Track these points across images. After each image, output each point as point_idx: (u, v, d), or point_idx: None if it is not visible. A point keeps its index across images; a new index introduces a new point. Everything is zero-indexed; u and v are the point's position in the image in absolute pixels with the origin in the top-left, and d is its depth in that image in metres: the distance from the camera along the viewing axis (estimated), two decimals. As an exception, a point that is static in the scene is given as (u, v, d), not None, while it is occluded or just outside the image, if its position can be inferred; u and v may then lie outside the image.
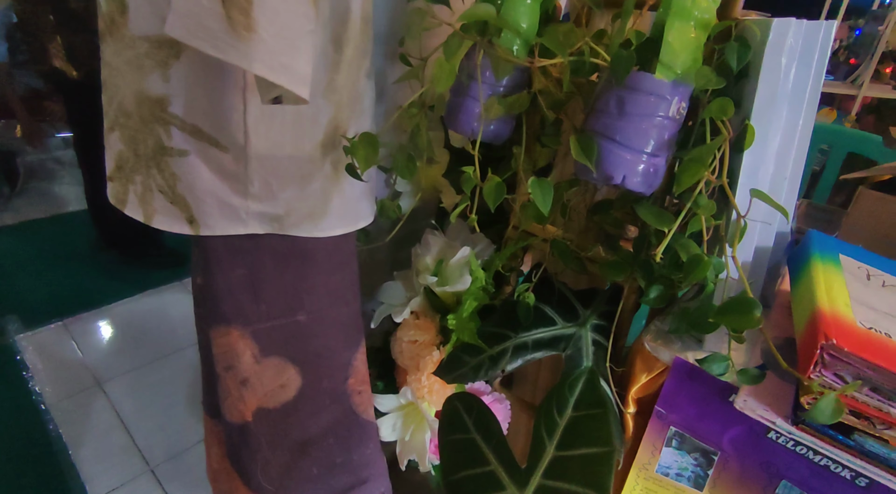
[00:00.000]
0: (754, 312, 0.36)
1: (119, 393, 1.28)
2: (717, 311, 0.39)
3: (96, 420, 1.21)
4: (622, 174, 0.43)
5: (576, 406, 0.49)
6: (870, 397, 0.38)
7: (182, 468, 1.09)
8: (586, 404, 0.49)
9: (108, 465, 1.10)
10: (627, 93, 0.43)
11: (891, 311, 0.43)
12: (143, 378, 1.33)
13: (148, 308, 1.57)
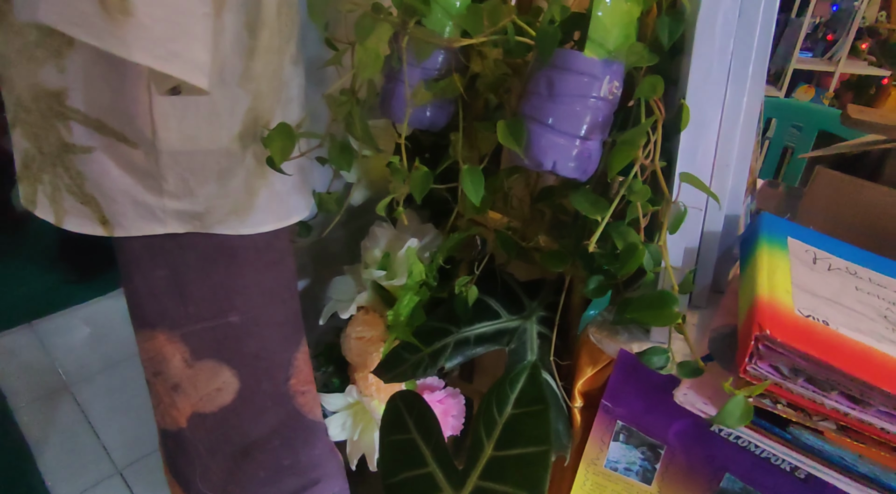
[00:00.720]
0: (671, 308, 0.34)
1: (87, 396, 1.26)
2: (633, 306, 0.37)
3: (63, 422, 1.18)
4: (552, 159, 0.41)
5: (516, 402, 0.47)
6: (804, 388, 0.36)
7: (150, 470, 1.07)
8: (527, 401, 0.47)
9: (74, 468, 1.08)
10: (556, 74, 0.41)
11: (832, 297, 0.41)
12: (112, 379, 1.30)
13: (116, 309, 1.54)
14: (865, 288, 0.43)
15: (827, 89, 2.00)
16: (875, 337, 0.37)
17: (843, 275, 0.44)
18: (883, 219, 0.57)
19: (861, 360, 0.35)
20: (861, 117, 0.59)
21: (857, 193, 0.58)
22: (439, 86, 0.47)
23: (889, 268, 0.47)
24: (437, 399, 0.64)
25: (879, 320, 0.39)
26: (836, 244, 0.50)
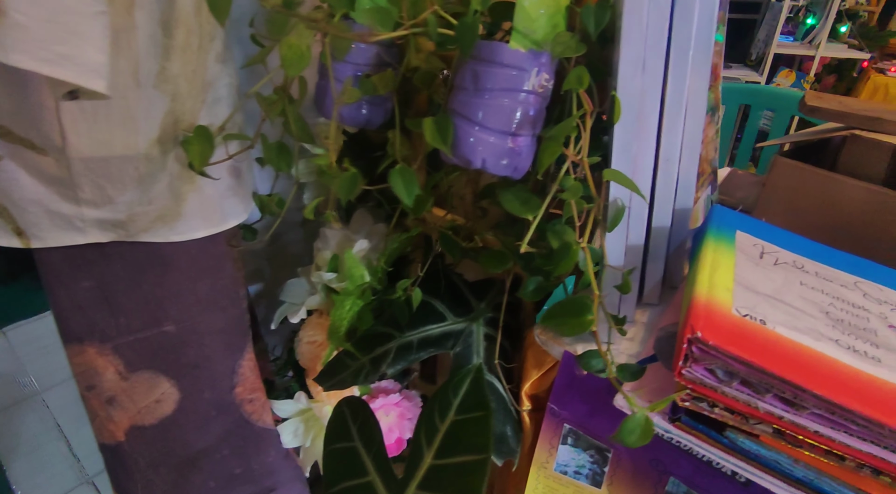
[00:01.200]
0: (585, 316, 0.32)
1: (58, 403, 1.24)
2: (547, 314, 0.35)
3: (34, 430, 1.17)
4: (481, 157, 0.39)
5: (459, 408, 0.46)
6: (739, 391, 0.35)
7: (121, 476, 1.05)
8: (469, 407, 0.45)
9: (45, 476, 1.07)
10: (481, 67, 0.39)
11: (774, 293, 0.39)
12: (84, 384, 1.28)
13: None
14: (810, 283, 0.42)
15: (808, 74, 1.98)
16: (813, 335, 0.36)
17: (789, 270, 0.43)
18: (838, 208, 0.56)
19: (794, 362, 0.33)
20: (817, 104, 0.57)
21: (814, 182, 0.57)
22: (370, 83, 0.45)
23: (838, 260, 0.46)
24: (393, 402, 0.62)
25: (820, 317, 0.38)
26: (786, 236, 0.48)
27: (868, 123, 0.54)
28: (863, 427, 0.32)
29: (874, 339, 0.37)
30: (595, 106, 0.39)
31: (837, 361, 0.34)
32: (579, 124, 0.38)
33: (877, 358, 0.35)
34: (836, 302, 0.40)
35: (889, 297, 0.42)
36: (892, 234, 0.52)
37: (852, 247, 0.56)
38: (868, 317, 0.39)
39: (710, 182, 0.64)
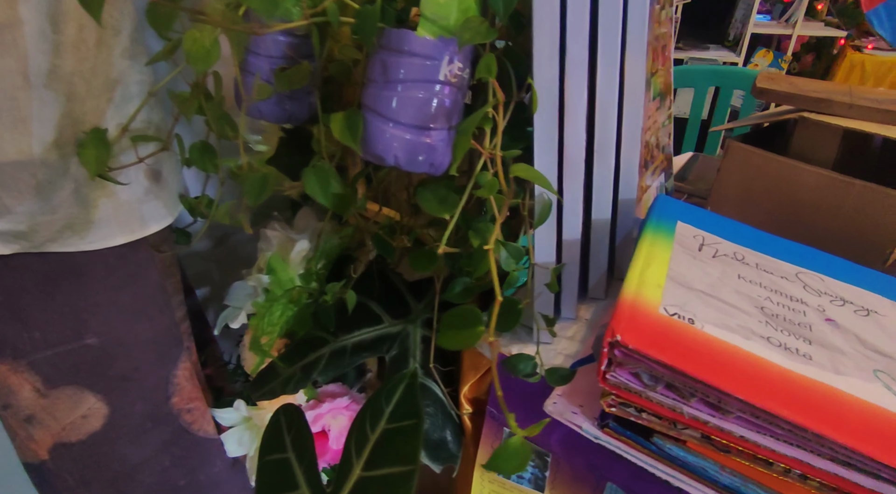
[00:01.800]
0: (475, 328, 0.30)
1: None
2: (442, 325, 0.33)
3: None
4: (393, 154, 0.37)
5: (391, 417, 0.44)
6: (664, 396, 0.33)
7: None
8: (402, 415, 0.44)
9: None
10: (389, 57, 0.36)
11: (709, 288, 0.38)
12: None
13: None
14: (749, 276, 0.40)
15: (785, 53, 1.95)
16: (743, 333, 0.34)
17: (728, 263, 0.41)
18: (791, 193, 0.54)
19: (718, 364, 0.31)
20: (766, 86, 0.55)
21: (767, 167, 0.55)
22: (284, 77, 0.43)
23: (784, 250, 0.44)
24: (342, 405, 0.60)
25: (754, 313, 0.36)
26: (730, 226, 0.46)
27: (816, 105, 0.52)
28: (787, 431, 0.30)
29: (808, 335, 0.35)
30: (515, 95, 0.37)
31: (766, 361, 0.32)
32: (495, 116, 0.35)
33: (808, 356, 0.33)
34: (773, 295, 0.39)
35: (830, 288, 0.41)
36: (843, 219, 0.51)
37: (805, 232, 0.54)
38: (805, 311, 0.38)
39: (663, 169, 0.62)
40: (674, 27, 1.87)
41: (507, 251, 0.37)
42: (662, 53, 0.56)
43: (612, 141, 0.44)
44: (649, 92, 0.52)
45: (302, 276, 0.49)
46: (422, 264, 0.44)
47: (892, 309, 0.40)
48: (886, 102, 0.50)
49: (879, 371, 0.33)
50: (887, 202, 0.48)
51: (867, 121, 0.50)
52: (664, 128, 0.60)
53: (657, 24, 0.52)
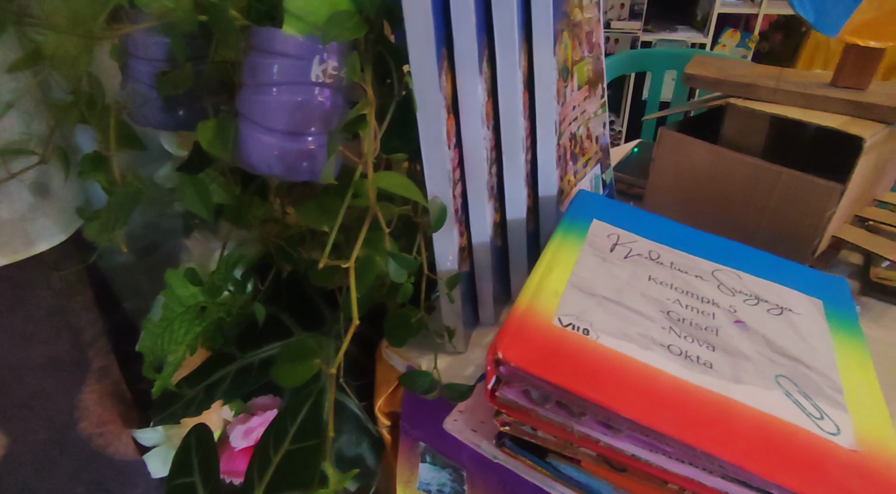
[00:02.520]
0: (308, 362, 0.28)
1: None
2: (279, 357, 0.31)
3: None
4: (267, 163, 0.34)
5: (295, 437, 0.41)
6: (555, 414, 0.31)
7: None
8: (306, 434, 0.41)
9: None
10: (257, 58, 0.33)
11: (612, 294, 0.35)
12: None
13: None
14: (661, 277, 0.38)
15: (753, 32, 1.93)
16: (641, 343, 0.32)
17: (640, 263, 0.39)
18: (721, 181, 0.52)
19: (607, 380, 0.29)
20: (694, 72, 0.53)
21: (696, 154, 0.53)
22: (167, 81, 0.40)
23: (704, 246, 0.42)
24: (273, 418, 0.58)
25: (658, 319, 0.34)
26: (651, 222, 0.44)
27: (742, 90, 0.50)
28: (678, 449, 0.28)
29: (713, 340, 0.33)
30: (398, 94, 0.34)
31: (661, 372, 0.30)
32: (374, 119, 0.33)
33: (708, 364, 0.32)
34: (683, 297, 0.37)
35: (747, 286, 0.39)
36: (772, 208, 0.49)
37: (737, 221, 0.52)
38: (715, 313, 0.36)
39: (597, 161, 0.60)
40: (644, 9, 1.82)
41: (397, 262, 0.35)
42: (588, 40, 0.54)
43: (520, 136, 0.41)
44: (572, 81, 0.50)
45: (206, 290, 0.46)
46: (320, 276, 0.41)
47: (809, 305, 0.38)
48: (812, 86, 0.48)
49: (782, 376, 0.32)
50: (814, 190, 0.46)
51: (792, 106, 0.48)
52: (597, 118, 0.58)
53: (577, 10, 0.49)
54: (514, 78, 0.39)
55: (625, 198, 0.66)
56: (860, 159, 0.43)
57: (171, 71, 0.40)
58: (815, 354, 0.34)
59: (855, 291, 0.51)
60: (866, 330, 0.45)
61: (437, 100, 0.33)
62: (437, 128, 0.34)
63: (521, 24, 0.40)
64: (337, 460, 0.45)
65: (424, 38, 0.31)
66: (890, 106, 0.44)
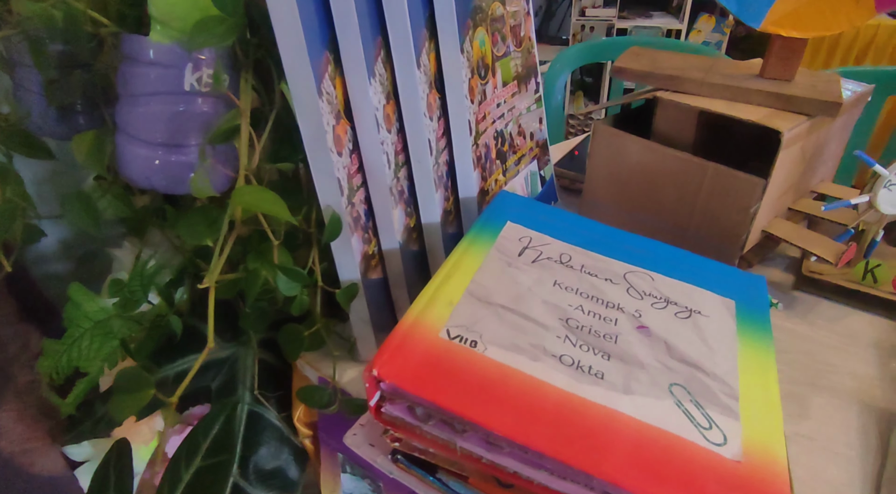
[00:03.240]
0: (144, 391, 0.27)
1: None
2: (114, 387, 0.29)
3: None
4: (145, 175, 0.33)
5: (206, 453, 0.41)
6: (440, 430, 0.30)
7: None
8: (218, 450, 0.40)
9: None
10: (127, 68, 0.32)
11: (510, 301, 0.34)
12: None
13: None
14: (567, 282, 0.37)
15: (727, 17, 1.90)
16: (532, 354, 0.31)
17: (548, 267, 0.38)
18: (654, 176, 0.50)
19: (487, 396, 0.28)
20: (624, 65, 0.51)
21: (628, 149, 0.52)
22: (55, 89, 0.38)
23: (621, 246, 0.41)
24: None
25: (555, 327, 0.33)
26: (569, 222, 0.43)
27: (670, 83, 0.48)
28: (556, 467, 0.27)
29: (611, 348, 0.32)
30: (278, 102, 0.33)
31: (547, 385, 0.29)
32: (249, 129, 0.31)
33: (600, 374, 0.31)
34: (587, 302, 0.35)
35: (658, 288, 0.38)
36: (701, 203, 0.48)
37: (669, 217, 0.51)
38: (618, 319, 0.35)
39: (533, 157, 0.59)
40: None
41: (286, 275, 0.33)
42: (515, 34, 0.52)
43: (425, 138, 0.40)
44: (493, 77, 0.48)
45: (119, 303, 0.45)
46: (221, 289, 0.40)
47: (720, 306, 0.37)
48: (740, 78, 0.47)
49: (676, 384, 0.31)
50: (738, 185, 0.45)
51: (718, 99, 0.46)
52: (530, 114, 0.56)
53: (497, 4, 0.48)
54: (412, 79, 0.38)
55: (569, 194, 0.65)
56: (780, 153, 0.41)
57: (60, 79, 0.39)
58: (716, 359, 0.33)
59: (788, 285, 0.50)
60: (793, 326, 0.44)
61: (317, 107, 0.32)
62: (319, 135, 0.33)
63: (422, 24, 0.38)
64: (255, 473, 0.44)
65: (295, 43, 0.30)
66: (809, 97, 0.42)
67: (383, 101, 0.37)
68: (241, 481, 0.43)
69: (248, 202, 0.30)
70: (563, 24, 2.18)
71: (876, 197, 0.43)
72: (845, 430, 0.37)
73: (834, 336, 0.44)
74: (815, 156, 0.49)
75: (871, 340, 0.44)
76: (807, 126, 0.43)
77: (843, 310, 0.47)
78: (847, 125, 0.52)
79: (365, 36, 0.34)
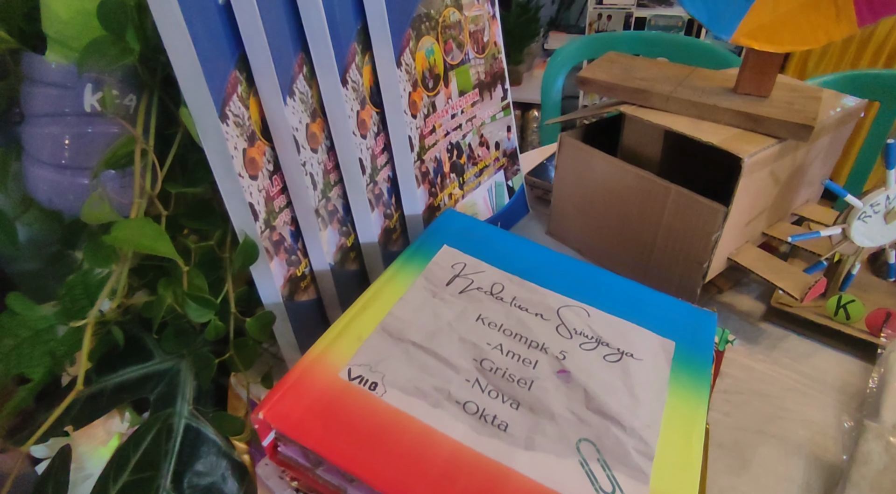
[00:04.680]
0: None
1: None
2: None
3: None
4: (47, 197, 0.32)
5: (135, 468, 0.41)
6: (331, 476, 0.29)
7: None
8: (147, 465, 0.40)
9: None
10: (27, 87, 0.31)
11: (423, 338, 0.33)
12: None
13: None
14: (492, 316, 0.35)
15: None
16: (433, 399, 0.29)
17: (476, 299, 0.36)
18: (618, 193, 0.47)
19: (374, 447, 0.27)
20: (589, 76, 0.48)
21: (594, 164, 0.49)
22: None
23: (563, 275, 0.39)
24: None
25: (465, 369, 0.31)
26: (511, 247, 0.41)
27: (636, 97, 0.45)
28: (437, 528, 0.26)
29: (521, 396, 0.30)
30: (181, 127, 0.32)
31: (442, 436, 0.28)
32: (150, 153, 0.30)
33: (503, 425, 0.29)
34: (508, 341, 0.33)
35: (592, 326, 0.35)
36: (665, 225, 0.45)
37: (634, 236, 0.48)
38: (538, 360, 0.33)
39: (499, 168, 0.56)
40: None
41: (195, 302, 0.32)
42: (476, 40, 0.49)
43: (355, 156, 0.38)
44: (446, 88, 0.46)
45: (60, 312, 0.45)
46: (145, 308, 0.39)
47: (657, 348, 0.34)
48: (711, 93, 0.43)
49: (585, 440, 0.29)
50: (700, 210, 0.41)
51: (684, 116, 0.43)
52: (495, 123, 0.54)
53: (451, 10, 0.45)
54: (338, 97, 0.36)
55: (542, 205, 0.62)
56: (741, 180, 0.38)
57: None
58: (638, 410, 0.31)
59: (758, 315, 0.47)
60: (753, 363, 0.42)
61: (220, 132, 0.30)
62: (225, 160, 0.31)
63: (351, 37, 0.36)
64: (189, 488, 0.44)
65: (189, 67, 0.28)
66: (779, 119, 0.39)
67: (306, 120, 0.35)
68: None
69: (124, 238, 0.28)
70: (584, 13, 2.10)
71: (850, 229, 0.40)
72: (786, 486, 0.34)
73: (796, 376, 0.41)
74: (795, 178, 0.45)
75: (835, 382, 0.40)
76: (775, 150, 0.39)
77: (812, 347, 0.43)
78: (835, 143, 0.48)
79: (282, 53, 0.33)
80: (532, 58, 2.11)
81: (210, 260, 0.36)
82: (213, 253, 0.36)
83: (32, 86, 0.30)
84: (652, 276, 0.48)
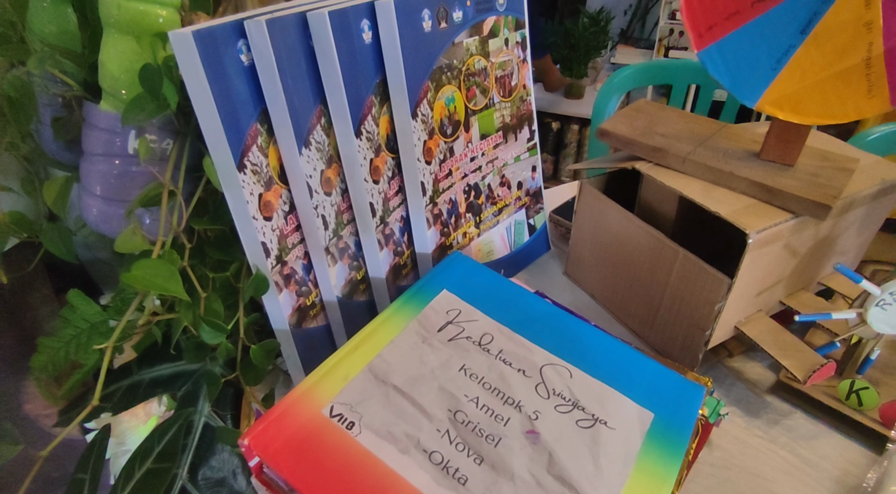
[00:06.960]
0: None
1: None
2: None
3: None
4: (94, 222, 0.37)
5: (158, 457, 0.46)
6: (302, 504, 0.32)
7: None
8: (166, 456, 0.45)
9: None
10: (85, 129, 0.36)
11: (405, 383, 0.35)
12: None
13: None
14: (475, 368, 0.37)
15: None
16: (403, 445, 0.32)
17: (462, 349, 0.38)
18: (630, 248, 0.47)
19: (342, 485, 0.29)
20: (609, 128, 0.48)
21: (610, 215, 0.49)
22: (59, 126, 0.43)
23: (555, 332, 0.39)
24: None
25: (439, 418, 0.33)
26: (510, 297, 0.42)
27: (653, 155, 0.45)
28: (384, 569, 0.28)
29: (487, 452, 0.32)
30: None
31: (404, 483, 0.30)
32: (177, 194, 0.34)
33: (463, 479, 0.31)
34: (485, 395, 0.35)
35: (572, 388, 0.36)
36: (673, 287, 0.44)
37: (643, 293, 0.48)
38: (510, 418, 0.34)
39: (521, 206, 0.57)
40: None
41: (208, 326, 0.36)
42: (504, 85, 0.50)
43: (366, 202, 0.41)
44: (466, 133, 0.47)
45: (111, 309, 0.51)
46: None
47: (633, 418, 0.35)
48: (732, 157, 0.42)
49: (538, 506, 0.30)
50: (705, 278, 0.41)
51: (699, 180, 0.42)
52: (518, 164, 0.55)
53: (477, 57, 0.46)
54: (351, 148, 0.38)
55: (565, 243, 0.63)
56: (746, 255, 0.37)
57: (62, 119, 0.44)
58: (598, 481, 0.31)
59: (765, 386, 0.45)
60: (749, 438, 0.41)
61: (237, 180, 0.34)
62: (241, 205, 0.35)
63: (370, 90, 0.39)
64: (204, 480, 0.49)
65: (213, 125, 0.32)
66: (795, 195, 0.38)
67: (321, 167, 0.38)
68: (191, 486, 0.48)
69: (138, 279, 0.33)
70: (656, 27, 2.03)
71: (867, 314, 0.38)
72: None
73: (793, 459, 0.40)
74: (819, 249, 0.43)
75: (835, 472, 0.39)
76: (790, 225, 0.38)
77: (817, 429, 0.42)
78: (874, 214, 0.45)
79: (301, 106, 0.36)
80: (597, 72, 2.07)
81: (229, 284, 0.40)
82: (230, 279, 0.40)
83: (89, 129, 0.35)
84: (658, 332, 0.48)
